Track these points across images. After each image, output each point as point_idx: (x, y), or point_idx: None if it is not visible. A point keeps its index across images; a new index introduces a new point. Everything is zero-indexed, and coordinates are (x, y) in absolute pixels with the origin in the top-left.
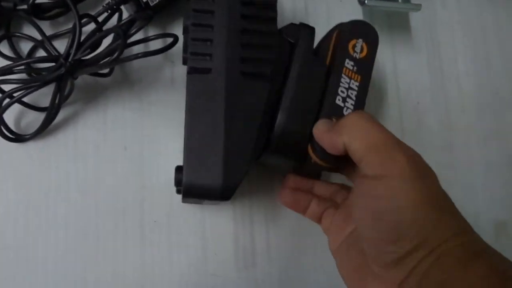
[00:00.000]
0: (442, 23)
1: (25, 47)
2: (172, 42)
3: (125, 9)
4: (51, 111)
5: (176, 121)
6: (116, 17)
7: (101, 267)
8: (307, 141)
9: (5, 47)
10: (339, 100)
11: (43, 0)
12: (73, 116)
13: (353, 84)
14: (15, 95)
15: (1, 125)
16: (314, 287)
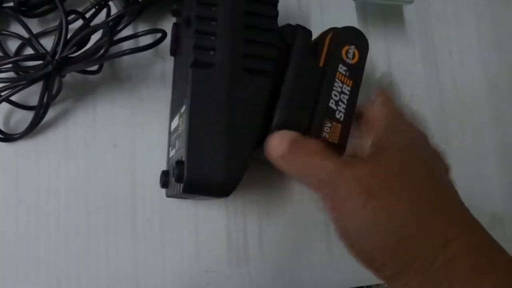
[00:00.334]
0: (436, 15)
1: (13, 45)
2: (160, 37)
3: (114, 5)
4: (40, 110)
5: (167, 117)
6: (105, 13)
7: (94, 265)
8: None
9: None
10: (332, 103)
11: None
12: (63, 114)
13: (345, 88)
14: (2, 94)
15: None
16: (308, 283)
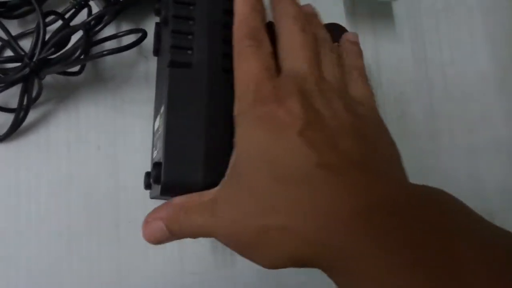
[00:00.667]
0: (426, 11)
1: None
2: (140, 37)
3: (96, 5)
4: (20, 113)
5: (152, 119)
6: (86, 14)
7: (76, 269)
8: None
9: None
10: None
11: None
12: (45, 116)
13: None
14: None
15: None
16: (295, 284)
